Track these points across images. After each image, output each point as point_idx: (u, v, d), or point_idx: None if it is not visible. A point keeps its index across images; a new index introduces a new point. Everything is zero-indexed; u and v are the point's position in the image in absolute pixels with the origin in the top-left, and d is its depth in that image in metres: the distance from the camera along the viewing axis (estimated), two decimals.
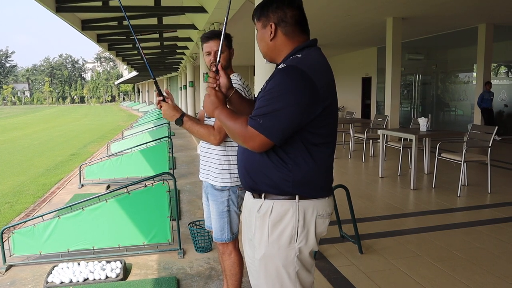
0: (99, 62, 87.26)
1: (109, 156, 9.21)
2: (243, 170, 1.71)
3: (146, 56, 12.19)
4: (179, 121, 2.18)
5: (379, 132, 6.51)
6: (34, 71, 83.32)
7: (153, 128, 10.20)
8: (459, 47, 14.16)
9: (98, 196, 3.53)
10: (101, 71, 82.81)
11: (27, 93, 79.56)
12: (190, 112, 16.67)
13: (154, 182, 3.59)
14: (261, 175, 1.63)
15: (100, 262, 3.32)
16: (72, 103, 75.57)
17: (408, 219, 4.56)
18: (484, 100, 11.75)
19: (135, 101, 54.25)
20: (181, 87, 24.62)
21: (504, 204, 5.00)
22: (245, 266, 2.00)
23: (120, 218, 3.57)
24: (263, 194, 1.65)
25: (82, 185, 6.49)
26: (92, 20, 8.90)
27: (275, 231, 1.61)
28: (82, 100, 77.16)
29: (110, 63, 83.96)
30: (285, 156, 1.57)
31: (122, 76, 70.33)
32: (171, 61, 19.48)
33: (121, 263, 3.32)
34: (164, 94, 2.17)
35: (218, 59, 1.79)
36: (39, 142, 13.86)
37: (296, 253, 1.61)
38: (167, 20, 9.81)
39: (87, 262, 3.32)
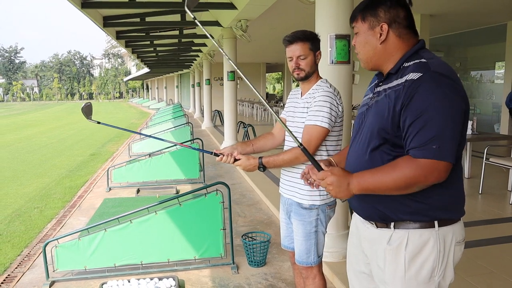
0: (107, 58, 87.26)
1: (130, 156, 9.03)
2: (370, 200, 1.46)
3: (160, 53, 11.93)
4: (262, 168, 2.07)
5: None
6: (43, 67, 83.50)
7: (174, 128, 9.96)
8: (483, 45, 13.80)
9: (147, 208, 3.27)
10: (109, 68, 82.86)
11: (36, 89, 79.76)
12: (206, 108, 16.39)
13: (207, 193, 3.34)
14: (396, 203, 1.41)
15: (152, 279, 3.07)
16: (81, 99, 75.67)
17: (466, 229, 4.27)
18: None
19: (144, 98, 54.13)
20: (193, 84, 24.35)
21: None
22: None
23: (170, 231, 3.32)
24: (392, 224, 1.44)
25: (110, 189, 6.26)
26: (113, 16, 8.65)
27: (413, 265, 1.41)
28: (90, 96, 77.21)
29: (118, 59, 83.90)
30: None
31: (130, 73, 70.26)
32: (185, 58, 19.20)
33: (174, 280, 3.07)
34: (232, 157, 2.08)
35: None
36: (55, 140, 13.67)
37: None
38: (189, 16, 9.55)
39: (138, 279, 3.07)
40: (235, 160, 2.05)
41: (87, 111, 2.20)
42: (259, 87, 29.65)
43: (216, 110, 17.44)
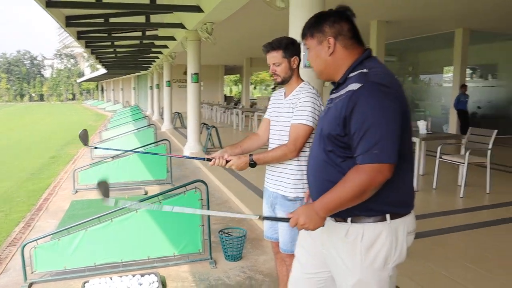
0: (59, 59, 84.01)
1: (92, 159, 8.90)
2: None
3: (120, 54, 11.74)
4: (253, 165, 2.22)
5: None
6: None
7: (137, 130, 9.87)
8: (434, 50, 14.63)
9: (128, 206, 3.34)
10: (61, 68, 79.83)
11: None
12: (166, 110, 16.27)
13: (186, 190, 3.45)
14: None
15: (134, 276, 3.15)
16: (31, 101, 72.36)
17: (424, 221, 4.61)
18: (460, 102, 12.18)
19: (99, 100, 52.65)
20: (151, 86, 24.10)
21: (508, 204, 5.18)
22: None
23: (150, 228, 3.41)
24: (349, 218, 1.59)
25: (77, 191, 6.18)
26: (76, 16, 8.49)
27: (368, 256, 1.57)
28: (41, 98, 73.99)
29: (71, 60, 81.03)
30: None
31: (83, 74, 68.15)
32: (144, 59, 18.94)
33: (156, 276, 3.16)
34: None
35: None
36: (12, 142, 13.15)
37: (389, 274, 1.60)
38: (154, 18, 9.54)
39: (121, 277, 3.14)
40: (227, 162, 2.20)
41: (84, 138, 2.30)
42: (217, 89, 29.74)
43: (176, 112, 17.33)
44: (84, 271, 3.31)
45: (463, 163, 5.63)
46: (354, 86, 1.49)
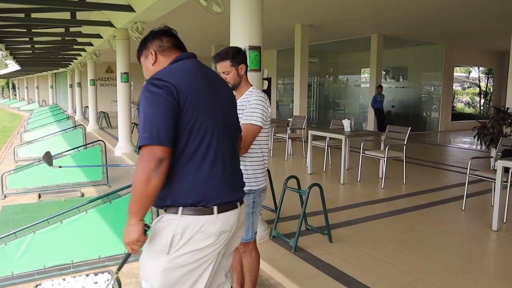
0: None
1: (16, 162, 8.43)
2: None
3: (37, 51, 11.06)
4: None
5: (310, 132, 7.04)
6: None
7: (65, 131, 9.51)
8: (353, 53, 15.70)
9: (77, 207, 3.37)
10: None
11: None
12: (91, 110, 15.66)
13: None
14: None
15: (88, 275, 3.20)
16: None
17: (352, 210, 5.11)
18: (377, 101, 13.24)
19: (10, 99, 48.69)
20: (71, 85, 22.97)
21: (421, 192, 5.89)
22: None
23: (100, 228, 3.47)
24: (164, 209, 1.73)
25: (6, 196, 5.89)
26: None
27: (153, 239, 1.69)
28: None
29: None
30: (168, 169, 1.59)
31: None
32: (64, 57, 18.00)
33: (110, 274, 3.24)
34: None
35: None
36: None
37: (164, 265, 1.68)
38: (79, 15, 9.23)
39: (74, 277, 3.18)
40: None
41: (48, 159, 2.37)
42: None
43: (101, 111, 16.73)
44: (34, 275, 3.29)
45: (383, 158, 6.28)
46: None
